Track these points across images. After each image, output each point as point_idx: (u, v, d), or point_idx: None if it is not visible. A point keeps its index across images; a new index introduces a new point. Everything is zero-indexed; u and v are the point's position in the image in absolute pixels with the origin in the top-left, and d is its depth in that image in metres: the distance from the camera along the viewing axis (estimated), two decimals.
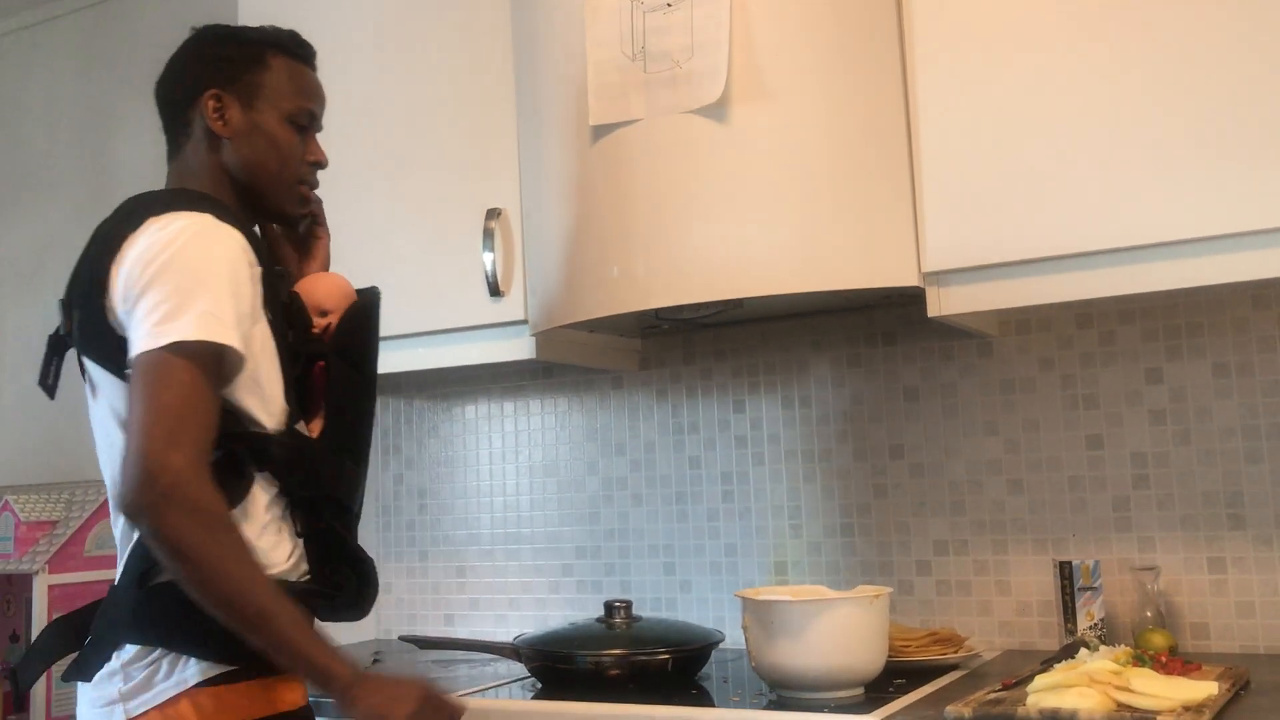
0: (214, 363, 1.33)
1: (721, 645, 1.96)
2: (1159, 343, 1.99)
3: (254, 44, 1.57)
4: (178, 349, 1.30)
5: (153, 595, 1.34)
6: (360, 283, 2.37)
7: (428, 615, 2.64)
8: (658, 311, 1.91)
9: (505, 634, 2.40)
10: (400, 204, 2.24)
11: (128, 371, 1.34)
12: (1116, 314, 2.02)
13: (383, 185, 2.26)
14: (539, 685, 1.91)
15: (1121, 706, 1.41)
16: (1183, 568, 1.95)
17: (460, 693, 1.84)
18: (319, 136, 1.64)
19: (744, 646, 1.74)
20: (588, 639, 1.91)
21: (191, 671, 1.34)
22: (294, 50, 1.60)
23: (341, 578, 1.49)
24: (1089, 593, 1.93)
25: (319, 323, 1.56)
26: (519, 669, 1.99)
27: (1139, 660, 1.59)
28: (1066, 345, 2.06)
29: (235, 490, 1.37)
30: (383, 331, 2.21)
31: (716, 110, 1.77)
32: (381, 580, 2.62)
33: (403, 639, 2.14)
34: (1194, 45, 1.61)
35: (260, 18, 2.42)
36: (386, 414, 2.73)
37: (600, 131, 1.86)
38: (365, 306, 1.60)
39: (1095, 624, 1.92)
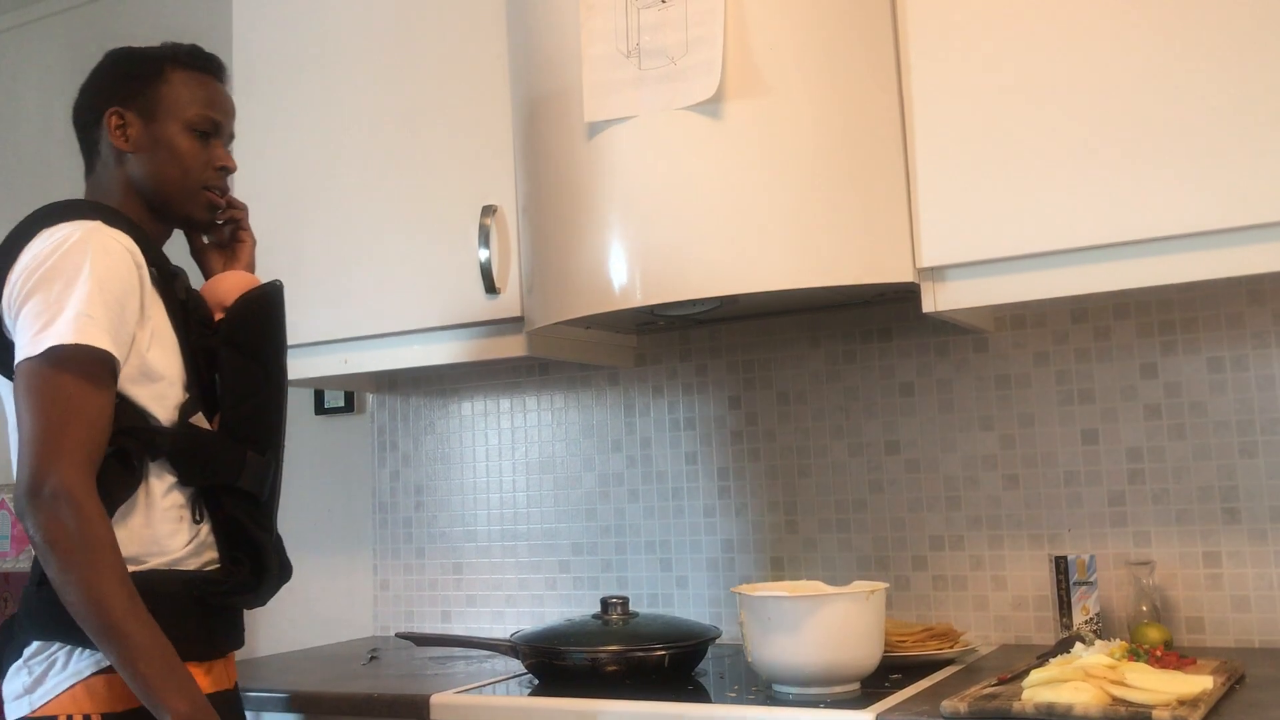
0: (96, 365, 1.39)
1: (718, 641, 1.96)
2: (1154, 338, 2.00)
3: (153, 60, 1.63)
4: (55, 356, 1.37)
5: (48, 593, 1.39)
6: (360, 282, 2.36)
7: (424, 612, 2.64)
8: (653, 308, 1.91)
9: (502, 630, 2.40)
10: (395, 201, 2.24)
11: None
12: (1111, 309, 2.03)
13: (378, 182, 2.26)
14: (536, 682, 1.91)
15: (1117, 701, 1.41)
16: (1178, 562, 1.95)
17: (457, 689, 1.84)
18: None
19: (740, 642, 1.74)
20: (584, 635, 1.91)
21: (86, 662, 1.42)
22: (192, 63, 1.65)
23: (239, 564, 1.55)
24: (1084, 587, 1.93)
25: (219, 317, 1.61)
26: (516, 665, 2.00)
27: (1134, 655, 1.59)
28: (1061, 340, 2.06)
29: (126, 483, 1.45)
30: (378, 329, 2.25)
31: (711, 107, 1.77)
32: (378, 577, 2.68)
33: (400, 636, 2.14)
34: (1188, 40, 1.61)
35: (253, 13, 2.44)
36: (383, 411, 2.73)
37: (595, 128, 1.86)
38: (257, 298, 1.63)
39: (1091, 618, 1.92)
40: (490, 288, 2.10)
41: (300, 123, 2.36)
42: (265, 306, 1.64)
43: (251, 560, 1.56)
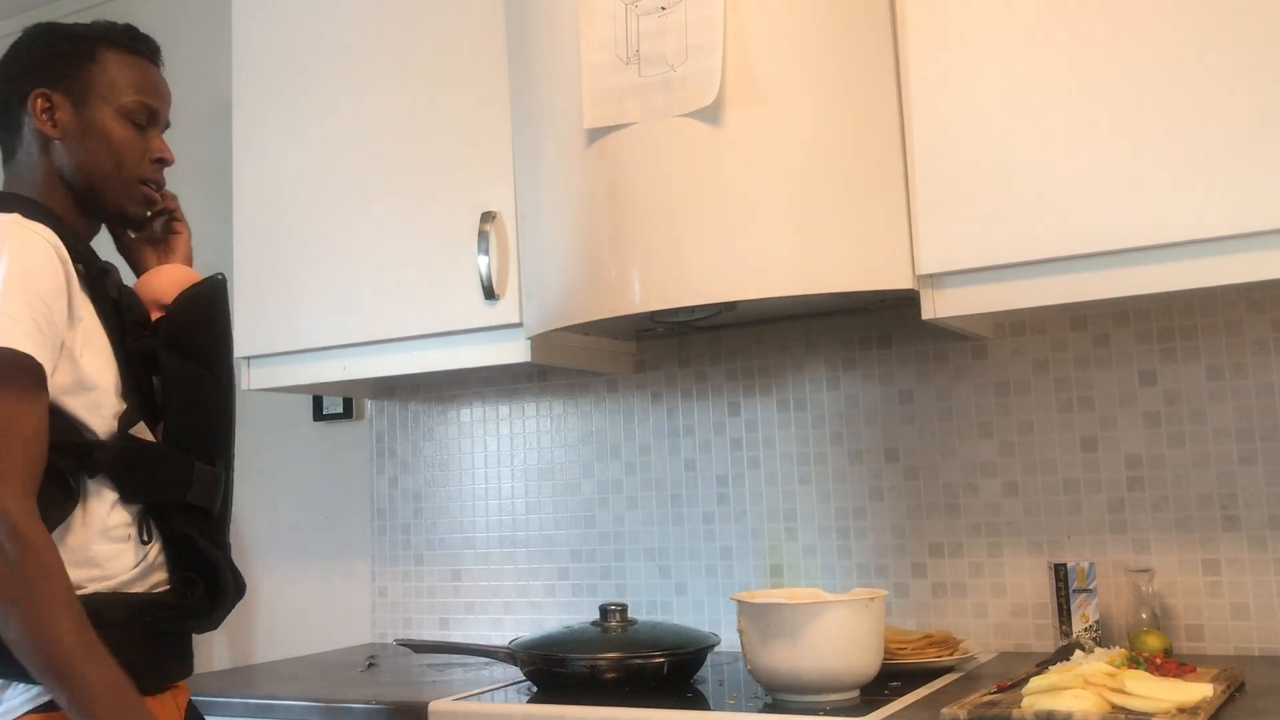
0: (24, 374, 1.26)
1: (717, 648, 1.96)
2: (1153, 345, 2.00)
3: (84, 39, 1.49)
4: None
5: None
6: (360, 288, 2.33)
7: (423, 619, 2.63)
8: (653, 314, 1.91)
9: (501, 638, 2.39)
10: (395, 207, 2.24)
11: None
12: (1111, 316, 2.03)
13: (377, 188, 2.26)
14: (534, 689, 1.90)
15: (1116, 709, 1.41)
16: (1177, 570, 1.95)
17: (455, 697, 1.84)
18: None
19: (739, 650, 1.74)
20: (583, 642, 1.91)
21: (20, 699, 1.29)
22: (128, 44, 1.51)
23: (191, 585, 1.42)
24: (1084, 595, 1.93)
25: (156, 316, 1.48)
26: (514, 673, 1.99)
27: (1134, 662, 1.59)
28: (1061, 347, 2.06)
29: (61, 503, 1.32)
30: (377, 335, 2.25)
31: (710, 113, 1.77)
32: (376, 584, 2.68)
33: (399, 643, 2.14)
34: (1187, 48, 1.61)
35: (253, 20, 2.44)
36: (382, 417, 2.73)
37: (595, 135, 1.86)
38: (198, 296, 1.50)
39: (1090, 626, 1.92)
40: (489, 294, 2.10)
41: (300, 129, 2.36)
42: (208, 304, 1.50)
43: (206, 580, 1.43)
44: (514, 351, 2.11)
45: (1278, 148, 1.56)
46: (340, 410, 2.79)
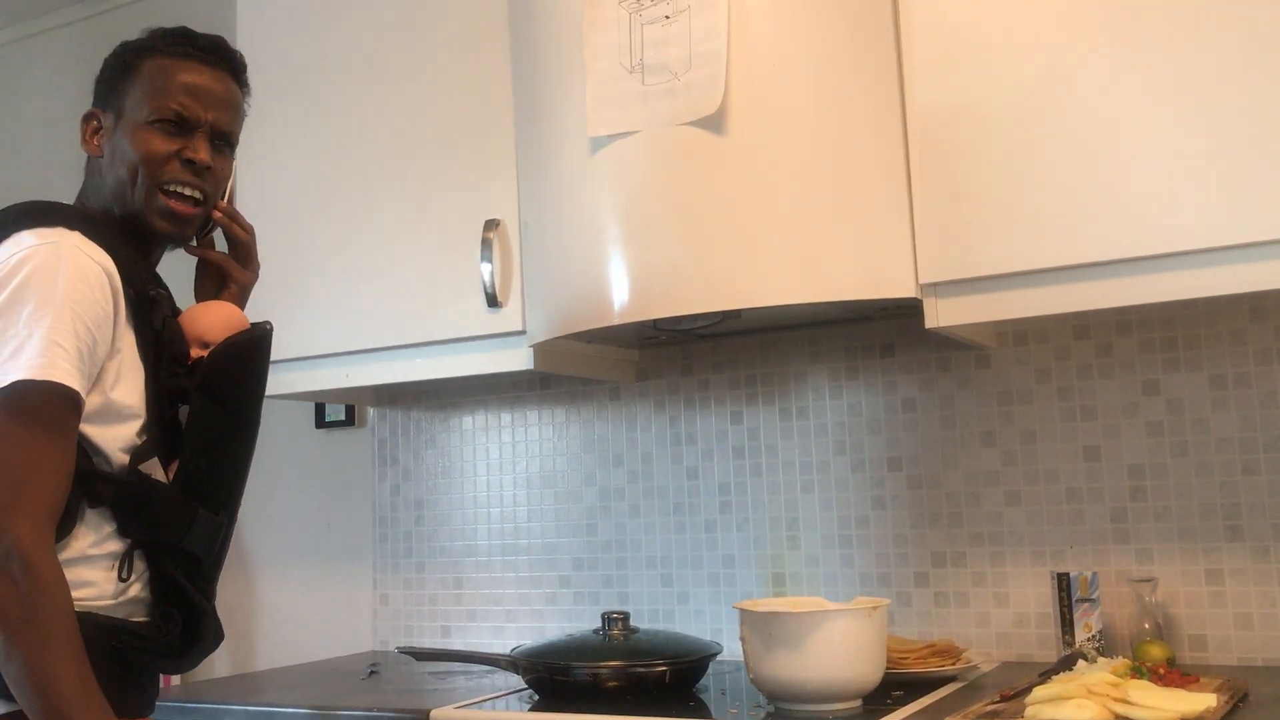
0: (63, 406, 1.25)
1: (719, 657, 1.95)
2: (1156, 354, 2.00)
3: (131, 51, 1.44)
4: (20, 393, 1.22)
5: None
6: (363, 296, 2.32)
7: (424, 627, 2.63)
8: (656, 322, 1.91)
9: (502, 646, 2.39)
10: (398, 215, 2.24)
11: None
12: (1114, 325, 2.03)
13: (381, 196, 2.27)
14: (536, 697, 1.90)
15: (1119, 719, 1.41)
16: (1180, 579, 1.94)
17: (457, 705, 1.84)
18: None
19: (742, 658, 1.74)
20: (585, 650, 1.91)
21: None
22: (170, 49, 1.43)
23: (170, 622, 1.37)
24: (1087, 604, 1.93)
25: (196, 354, 1.43)
26: (516, 681, 1.99)
27: (1137, 672, 1.59)
28: (1064, 357, 2.06)
29: (59, 528, 1.27)
30: (380, 342, 2.25)
31: (714, 122, 1.77)
32: (378, 591, 2.68)
33: (401, 651, 2.14)
34: (1190, 58, 1.61)
35: (257, 28, 2.45)
36: (384, 424, 2.73)
37: (599, 143, 1.86)
38: (244, 343, 1.45)
39: (1093, 636, 1.91)
40: (492, 302, 2.10)
41: (304, 137, 2.37)
42: (250, 356, 1.46)
43: (185, 620, 1.38)
44: (517, 359, 2.11)
45: (1279, 157, 1.56)
46: (342, 417, 2.79)
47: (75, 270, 1.28)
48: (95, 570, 1.33)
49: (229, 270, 1.56)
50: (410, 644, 2.59)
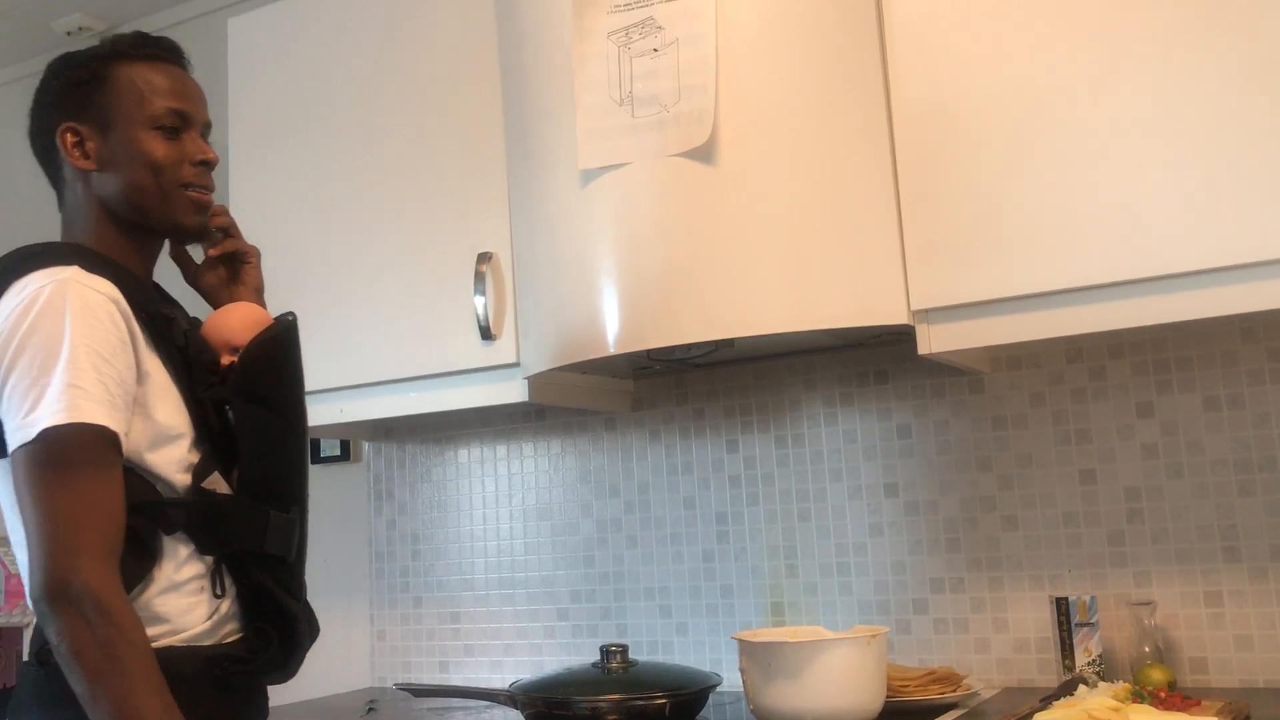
0: (99, 444, 1.25)
1: (719, 688, 1.94)
2: (1149, 377, 2.00)
3: (94, 60, 1.44)
4: (51, 440, 1.22)
5: (52, 673, 1.25)
6: (357, 330, 2.31)
7: (422, 662, 2.61)
8: (649, 352, 1.92)
9: (501, 680, 2.38)
10: (391, 248, 2.25)
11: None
12: (1106, 349, 2.03)
13: (374, 230, 2.27)
14: None
15: None
16: (1179, 602, 1.94)
17: None
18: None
19: (742, 689, 1.73)
20: (584, 684, 1.90)
21: None
22: (138, 53, 1.44)
23: (265, 638, 1.39)
24: (1086, 628, 1.92)
25: (227, 360, 1.43)
26: (515, 716, 1.98)
27: (1138, 696, 1.58)
28: (1057, 381, 2.07)
29: (140, 563, 1.30)
30: (375, 376, 2.25)
31: (704, 153, 1.78)
32: (375, 627, 2.66)
33: (399, 688, 2.12)
34: (1181, 80, 1.63)
35: (249, 68, 2.46)
36: (379, 459, 2.73)
37: (589, 175, 1.87)
38: (271, 340, 1.45)
39: (1093, 660, 1.91)
40: (486, 334, 2.10)
41: (296, 172, 2.38)
42: (280, 349, 1.45)
43: (280, 632, 1.39)
44: (511, 391, 2.12)
45: (1269, 180, 1.57)
46: (338, 453, 2.78)
47: (80, 306, 1.28)
48: (185, 596, 1.34)
49: (244, 252, 1.55)
50: (408, 680, 2.57)
